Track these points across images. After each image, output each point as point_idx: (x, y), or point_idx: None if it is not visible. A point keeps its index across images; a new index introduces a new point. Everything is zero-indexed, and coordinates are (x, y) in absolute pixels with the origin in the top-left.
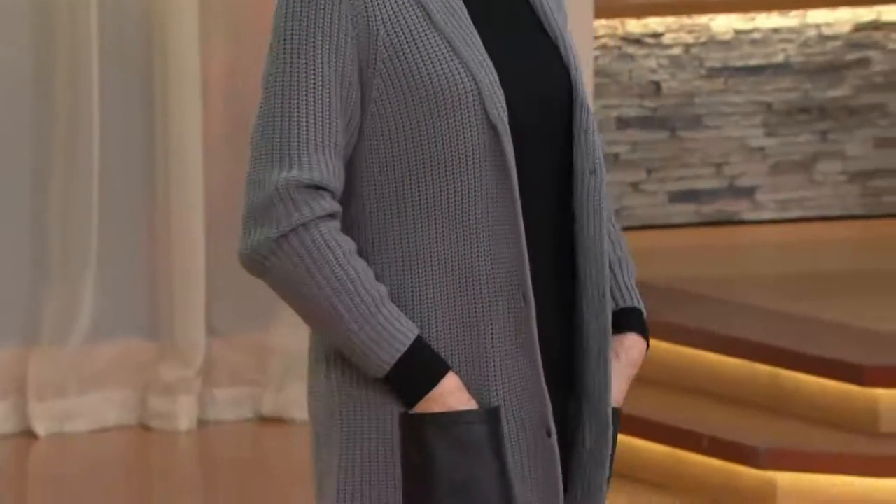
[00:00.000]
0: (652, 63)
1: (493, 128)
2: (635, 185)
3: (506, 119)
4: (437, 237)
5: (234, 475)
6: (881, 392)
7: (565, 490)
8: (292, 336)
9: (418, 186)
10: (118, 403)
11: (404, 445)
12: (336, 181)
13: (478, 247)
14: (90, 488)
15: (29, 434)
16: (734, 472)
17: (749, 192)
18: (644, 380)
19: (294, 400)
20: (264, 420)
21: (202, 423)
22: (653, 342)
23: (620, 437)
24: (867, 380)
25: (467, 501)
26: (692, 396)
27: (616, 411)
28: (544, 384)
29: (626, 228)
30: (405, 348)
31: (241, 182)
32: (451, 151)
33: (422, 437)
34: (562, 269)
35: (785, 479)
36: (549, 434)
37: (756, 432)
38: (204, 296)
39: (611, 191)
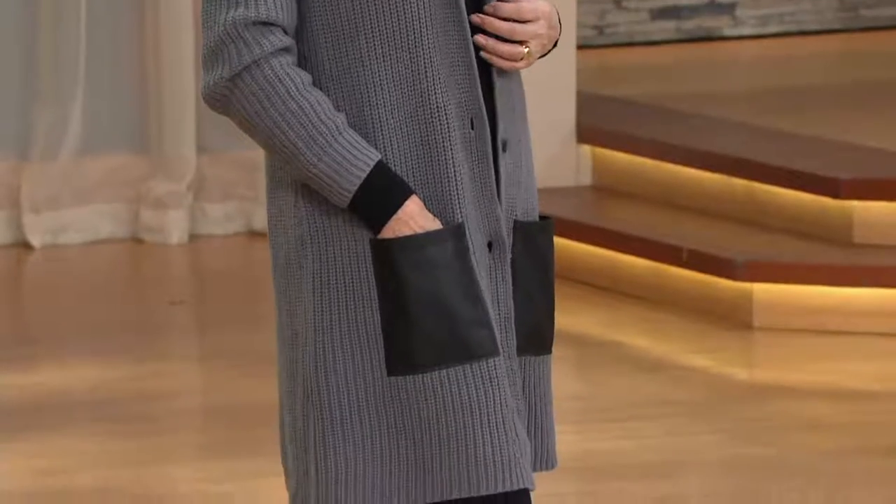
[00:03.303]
0: None
1: None
2: (617, 2)
3: None
4: (390, 64)
5: (225, 287)
6: (856, 204)
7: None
8: None
9: (369, 14)
10: (110, 217)
11: (377, 268)
12: (286, 16)
13: (431, 71)
14: (84, 298)
15: (24, 245)
16: (712, 283)
17: (729, 8)
18: (623, 195)
19: None
20: (254, 234)
21: (193, 237)
22: (632, 158)
23: (601, 251)
24: (842, 192)
25: (442, 316)
26: (672, 211)
27: (549, 221)
28: (497, 203)
29: (608, 46)
30: (365, 175)
31: None
32: None
33: (392, 261)
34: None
35: (761, 290)
36: (500, 249)
37: (733, 245)
38: (194, 112)
39: (593, 8)
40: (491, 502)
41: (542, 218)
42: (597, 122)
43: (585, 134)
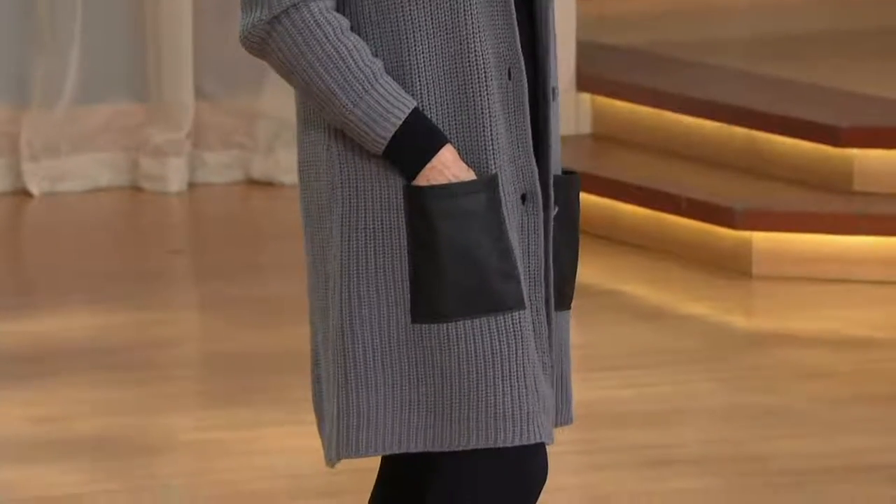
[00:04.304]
0: None
1: None
2: None
3: None
4: (430, 10)
5: (223, 235)
6: (855, 152)
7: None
8: (281, 101)
9: None
10: (109, 165)
11: (409, 216)
12: None
13: (471, 21)
14: (83, 246)
15: (23, 193)
16: (711, 232)
17: None
18: (623, 144)
19: (283, 164)
20: (253, 183)
21: (192, 185)
22: (632, 107)
23: (601, 200)
24: (842, 140)
25: (470, 266)
26: (671, 160)
27: (576, 176)
28: (533, 156)
29: None
30: (400, 122)
31: None
32: None
33: (424, 208)
34: (533, 48)
35: (760, 238)
36: (533, 202)
37: (732, 194)
38: (192, 60)
39: None
40: (503, 455)
41: (567, 173)
42: (596, 70)
43: (585, 83)
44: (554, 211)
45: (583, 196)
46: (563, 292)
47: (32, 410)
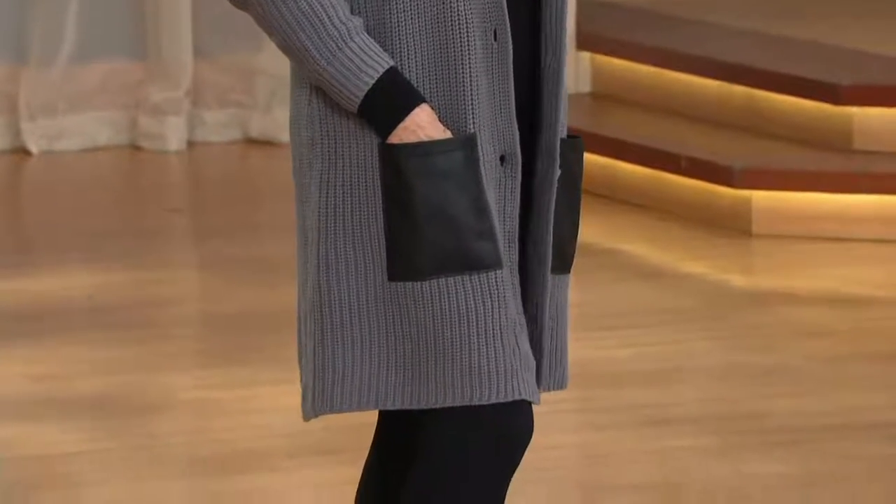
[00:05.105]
0: None
1: None
2: None
3: None
4: None
5: (222, 194)
6: (855, 110)
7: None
8: (279, 59)
9: None
10: (108, 123)
11: (383, 175)
12: None
13: None
14: (82, 205)
15: (22, 151)
16: (711, 191)
17: None
18: (623, 102)
19: (280, 122)
20: (251, 142)
21: (191, 144)
22: (632, 65)
23: (600, 159)
24: (842, 98)
25: (446, 225)
26: (670, 118)
27: (579, 140)
28: (515, 118)
29: None
30: (373, 81)
31: None
32: None
33: (399, 167)
34: (530, 19)
35: (760, 197)
36: (511, 164)
37: (732, 152)
38: (190, 17)
39: None
40: (482, 413)
41: (571, 137)
42: (596, 28)
43: (585, 41)
44: (558, 173)
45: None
46: (563, 255)
47: (31, 368)
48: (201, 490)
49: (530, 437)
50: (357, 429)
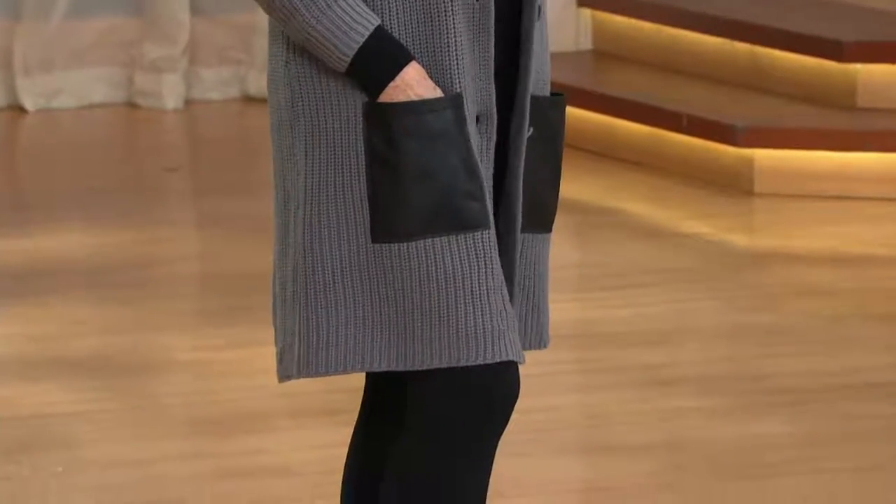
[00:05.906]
0: None
1: None
2: None
3: None
4: None
5: (220, 153)
6: (859, 67)
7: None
8: None
9: None
10: (105, 80)
11: (368, 135)
12: None
13: None
14: (79, 163)
15: (18, 108)
16: (713, 149)
17: None
18: (624, 60)
19: None
20: (249, 99)
21: (189, 101)
22: (632, 22)
23: (600, 117)
24: (846, 55)
25: (434, 185)
26: (672, 76)
27: (561, 98)
28: (493, 78)
29: None
30: (364, 39)
31: None
32: None
33: (387, 126)
34: None
35: (762, 155)
36: (486, 123)
37: (735, 111)
38: None
39: None
40: (468, 374)
41: (555, 94)
42: None
43: None
44: (529, 132)
45: (583, 113)
46: (543, 214)
47: (30, 328)
48: (201, 450)
49: (517, 397)
50: (357, 390)
